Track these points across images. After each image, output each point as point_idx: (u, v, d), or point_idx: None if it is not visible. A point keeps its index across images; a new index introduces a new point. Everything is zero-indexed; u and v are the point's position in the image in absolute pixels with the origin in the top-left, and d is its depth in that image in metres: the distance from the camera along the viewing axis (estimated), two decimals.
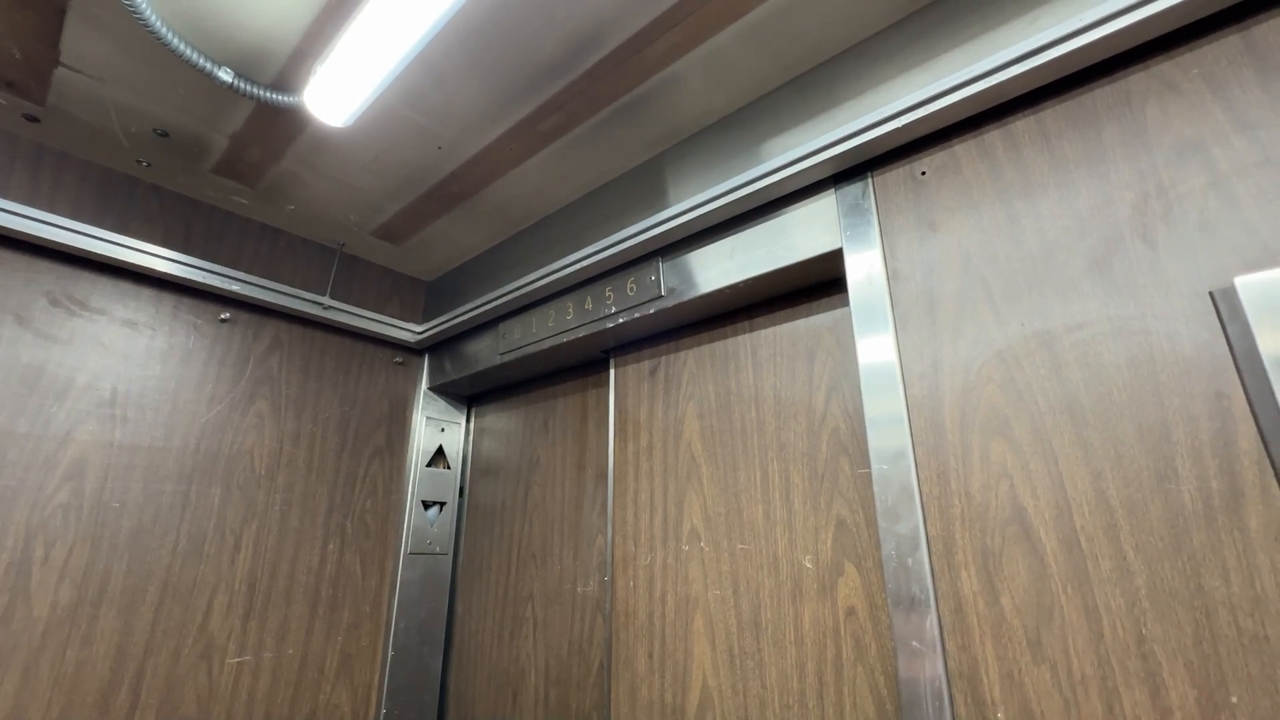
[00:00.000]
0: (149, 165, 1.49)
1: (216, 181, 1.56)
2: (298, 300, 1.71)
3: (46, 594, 1.25)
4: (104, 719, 1.27)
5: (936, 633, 0.82)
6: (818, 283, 1.22)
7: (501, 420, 2.02)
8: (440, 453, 2.02)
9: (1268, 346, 0.66)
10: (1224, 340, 0.70)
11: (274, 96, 1.21)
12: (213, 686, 1.43)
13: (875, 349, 0.98)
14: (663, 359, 1.47)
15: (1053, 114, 0.88)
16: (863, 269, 1.02)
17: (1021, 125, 0.91)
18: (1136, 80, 0.83)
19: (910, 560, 0.86)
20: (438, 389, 2.03)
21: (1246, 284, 0.68)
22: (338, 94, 1.16)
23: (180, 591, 1.42)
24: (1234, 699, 0.63)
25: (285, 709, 1.53)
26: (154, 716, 1.34)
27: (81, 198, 1.44)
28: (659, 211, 1.33)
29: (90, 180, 1.46)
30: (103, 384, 1.40)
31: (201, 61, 1.13)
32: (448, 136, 1.39)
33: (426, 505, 1.93)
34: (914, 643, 0.83)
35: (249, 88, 1.19)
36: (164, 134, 1.39)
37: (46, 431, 1.31)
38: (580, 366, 1.78)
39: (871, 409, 0.96)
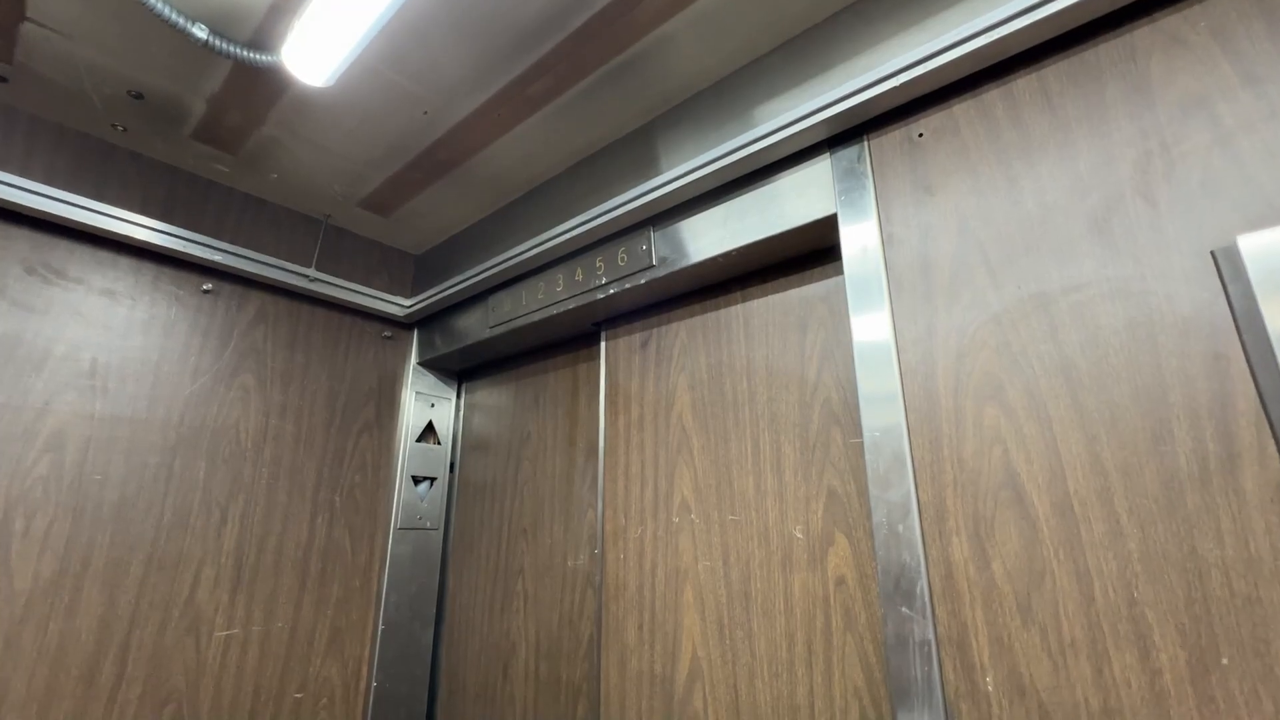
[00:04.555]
0: (125, 130, 1.44)
1: (196, 148, 1.52)
2: (283, 272, 1.68)
3: (28, 566, 1.23)
4: (89, 690, 1.27)
5: (926, 599, 0.81)
6: (811, 251, 1.20)
7: (492, 395, 2.00)
8: (430, 428, 2.00)
9: (1269, 306, 0.64)
10: (1224, 300, 0.68)
11: (251, 55, 1.17)
12: (200, 659, 1.42)
13: (869, 315, 0.96)
14: (654, 331, 1.45)
15: (1054, 71, 0.86)
16: (857, 234, 1.00)
17: (1022, 84, 0.88)
18: (1142, 35, 0.80)
19: (901, 527, 0.85)
20: (427, 364, 2.01)
21: (1250, 242, 0.67)
22: (317, 52, 1.11)
23: (166, 564, 1.40)
24: (1224, 660, 0.62)
25: (275, 681, 1.53)
26: (141, 688, 1.33)
27: (56, 163, 1.39)
28: (650, 179, 1.30)
29: (65, 145, 1.41)
30: (82, 354, 1.37)
31: (174, 16, 1.08)
32: (433, 101, 1.35)
33: (417, 480, 1.92)
34: (903, 609, 0.83)
35: (225, 45, 1.15)
36: (139, 96, 1.34)
37: (25, 402, 1.28)
38: (571, 340, 1.75)
39: (864, 376, 0.94)
